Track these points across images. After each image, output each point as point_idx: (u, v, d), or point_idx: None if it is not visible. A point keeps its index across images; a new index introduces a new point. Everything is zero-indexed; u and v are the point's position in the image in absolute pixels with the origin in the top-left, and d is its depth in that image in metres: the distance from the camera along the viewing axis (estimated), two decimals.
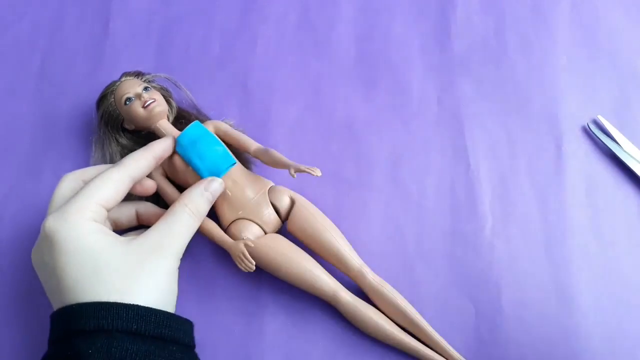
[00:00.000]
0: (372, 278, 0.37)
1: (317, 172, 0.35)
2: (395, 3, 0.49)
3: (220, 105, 0.44)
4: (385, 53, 0.47)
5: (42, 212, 0.41)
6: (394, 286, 0.37)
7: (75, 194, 0.32)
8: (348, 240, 0.38)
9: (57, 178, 0.41)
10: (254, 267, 0.35)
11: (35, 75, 0.46)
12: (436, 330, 0.36)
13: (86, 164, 0.42)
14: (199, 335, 0.33)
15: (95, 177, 0.32)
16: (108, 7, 0.49)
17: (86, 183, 0.33)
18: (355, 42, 0.47)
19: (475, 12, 0.48)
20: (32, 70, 0.46)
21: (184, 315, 0.31)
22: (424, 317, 0.36)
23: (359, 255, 0.38)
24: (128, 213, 0.37)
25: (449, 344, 0.36)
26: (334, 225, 0.38)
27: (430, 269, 0.39)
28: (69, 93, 0.45)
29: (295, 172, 0.36)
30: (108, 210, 0.32)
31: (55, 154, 0.43)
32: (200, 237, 0.38)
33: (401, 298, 0.37)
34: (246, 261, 0.35)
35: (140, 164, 0.34)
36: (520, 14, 0.48)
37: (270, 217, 0.37)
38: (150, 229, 0.32)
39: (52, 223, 0.30)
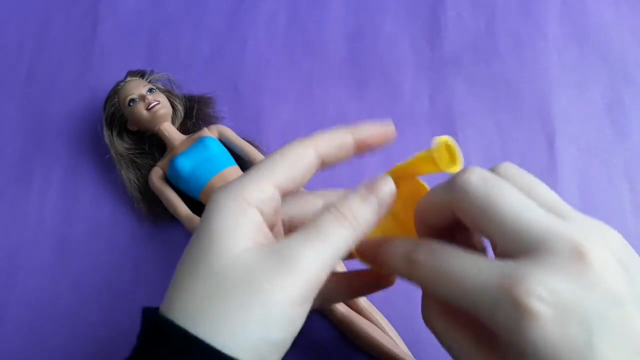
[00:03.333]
0: (363, 305, 0.36)
1: None
2: (386, 2, 0.48)
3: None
4: (376, 52, 0.46)
5: (32, 217, 0.41)
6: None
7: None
8: None
9: (47, 182, 0.42)
10: None
11: (24, 79, 0.45)
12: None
13: (77, 167, 0.42)
14: None
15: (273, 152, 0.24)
16: (96, 8, 0.48)
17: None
18: (345, 41, 0.47)
19: (466, 10, 0.48)
20: (20, 74, 0.46)
21: None
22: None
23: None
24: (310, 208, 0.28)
25: None
26: None
27: None
28: (58, 96, 0.45)
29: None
30: (284, 194, 0.24)
31: (45, 158, 0.43)
32: None
33: (387, 325, 0.36)
34: None
35: (333, 142, 0.26)
36: (510, 12, 0.48)
37: None
38: (286, 238, 0.22)
39: (217, 196, 0.23)
